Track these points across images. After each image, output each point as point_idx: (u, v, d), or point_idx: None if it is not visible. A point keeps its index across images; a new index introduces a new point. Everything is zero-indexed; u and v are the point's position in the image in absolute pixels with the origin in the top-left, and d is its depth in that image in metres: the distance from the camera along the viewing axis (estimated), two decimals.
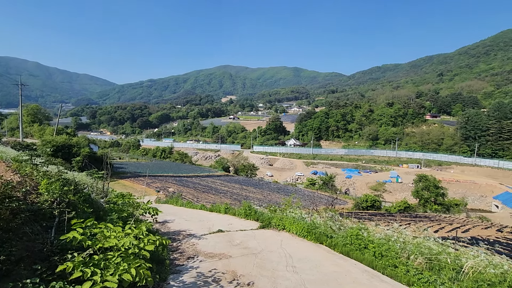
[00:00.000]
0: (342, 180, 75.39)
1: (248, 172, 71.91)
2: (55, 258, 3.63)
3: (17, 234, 3.69)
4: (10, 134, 68.24)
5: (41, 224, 4.40)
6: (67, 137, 42.21)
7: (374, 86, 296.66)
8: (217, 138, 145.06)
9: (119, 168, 52.09)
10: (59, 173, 6.18)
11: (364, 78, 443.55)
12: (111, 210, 6.81)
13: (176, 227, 10.00)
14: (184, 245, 7.32)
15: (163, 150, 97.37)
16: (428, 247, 6.42)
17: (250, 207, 11.69)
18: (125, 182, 40.07)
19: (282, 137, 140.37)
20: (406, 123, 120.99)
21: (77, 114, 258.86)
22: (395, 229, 8.86)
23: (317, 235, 7.58)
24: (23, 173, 6.71)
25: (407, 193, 60.56)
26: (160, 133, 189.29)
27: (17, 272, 3.22)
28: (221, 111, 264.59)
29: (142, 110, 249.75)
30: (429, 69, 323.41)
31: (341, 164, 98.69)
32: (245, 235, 8.46)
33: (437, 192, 43.51)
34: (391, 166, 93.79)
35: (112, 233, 3.78)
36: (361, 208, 40.28)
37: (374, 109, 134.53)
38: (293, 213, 10.64)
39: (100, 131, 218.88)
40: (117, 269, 3.30)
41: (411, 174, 75.80)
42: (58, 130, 50.80)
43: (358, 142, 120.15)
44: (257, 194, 42.39)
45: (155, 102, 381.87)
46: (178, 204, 18.40)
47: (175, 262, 5.87)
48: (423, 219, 33.16)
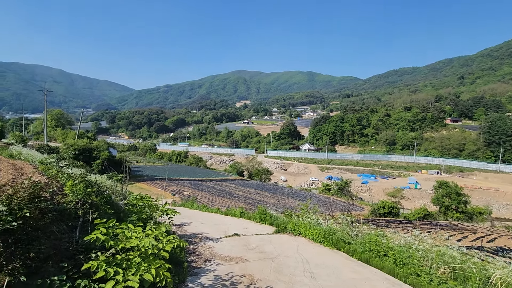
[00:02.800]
0: (358, 185, 73.87)
1: (262, 176, 71.80)
2: (80, 256, 3.76)
3: (45, 232, 3.85)
4: (35, 138, 71.46)
5: (67, 224, 4.57)
6: (88, 141, 43.75)
7: (391, 90, 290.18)
8: (231, 142, 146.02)
9: (137, 172, 53.38)
10: (83, 175, 6.41)
11: (380, 81, 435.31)
12: (131, 212, 6.97)
13: (193, 230, 10.11)
14: (200, 248, 7.38)
15: (179, 154, 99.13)
16: (452, 256, 6.16)
17: (265, 211, 11.65)
18: (142, 185, 40.98)
19: (297, 142, 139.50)
20: (425, 128, 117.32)
21: (97, 119, 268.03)
22: (415, 236, 8.58)
23: (335, 241, 7.45)
24: (49, 175, 7.01)
25: (427, 200, 58.56)
26: (175, 138, 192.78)
27: (45, 269, 3.35)
28: (235, 115, 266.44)
29: (159, 115, 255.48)
30: (449, 72, 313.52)
31: (357, 169, 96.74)
32: (261, 239, 8.43)
33: (459, 199, 41.74)
34: (410, 172, 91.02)
35: (133, 233, 3.87)
36: (378, 214, 39.23)
37: (391, 113, 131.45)
38: (309, 219, 10.51)
39: (118, 135, 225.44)
40: (138, 269, 3.38)
41: (430, 180, 73.28)
42: (80, 134, 52.77)
43: (374, 147, 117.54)
44: (271, 198, 42.19)
45: (171, 107, 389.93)
46: (194, 207, 18.59)
47: (193, 265, 5.92)
48: (444, 227, 31.85)
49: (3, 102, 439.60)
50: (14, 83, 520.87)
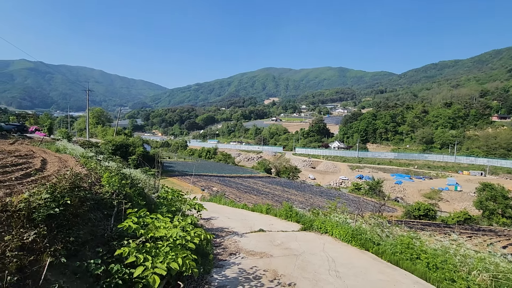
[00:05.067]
0: (391, 186, 70.58)
1: (290, 174, 71.31)
2: (114, 243, 4.02)
3: (83, 219, 4.18)
4: (79, 134, 77.40)
5: (103, 212, 4.91)
6: (125, 138, 46.42)
7: (429, 85, 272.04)
8: (259, 139, 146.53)
9: (168, 167, 55.64)
10: (118, 169, 6.83)
11: (417, 76, 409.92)
12: (161, 204, 7.31)
13: (219, 224, 10.35)
14: (226, 242, 7.54)
15: (208, 151, 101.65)
16: (495, 263, 5.67)
17: (291, 208, 11.59)
18: (173, 180, 42.65)
19: (326, 140, 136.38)
20: (468, 126, 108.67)
21: (133, 117, 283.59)
22: (453, 240, 8.03)
23: (363, 241, 7.21)
24: (88, 167, 7.57)
25: (468, 203, 54.49)
26: (205, 135, 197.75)
27: (83, 253, 3.64)
28: (264, 113, 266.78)
29: (190, 113, 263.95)
30: (496, 65, 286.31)
31: (390, 169, 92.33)
32: (286, 236, 8.40)
33: (506, 203, 38.24)
34: (449, 173, 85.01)
35: (162, 223, 4.06)
36: (413, 216, 37.22)
37: (429, 110, 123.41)
38: (337, 217, 10.27)
39: (152, 132, 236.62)
40: (166, 257, 3.54)
41: (473, 182, 67.93)
42: (118, 131, 56.13)
43: (409, 146, 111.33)
44: (299, 196, 41.79)
45: (201, 105, 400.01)
46: (222, 202, 19.00)
47: (218, 257, 6.07)
48: (487, 232, 29.38)
49: (52, 101, 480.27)
50: (61, 83, 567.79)
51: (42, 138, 21.75)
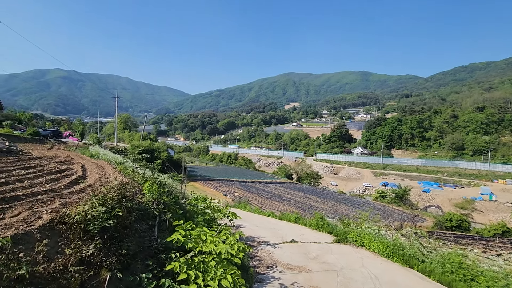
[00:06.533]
0: (418, 194, 67.37)
1: (312, 180, 70.16)
2: (162, 256, 4.00)
3: (131, 230, 4.20)
4: (107, 139, 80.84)
5: (147, 223, 4.94)
6: (150, 142, 47.89)
7: (458, 89, 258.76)
8: (280, 145, 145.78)
9: (191, 172, 56.61)
10: (156, 177, 6.92)
11: (445, 79, 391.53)
12: (195, 213, 7.30)
13: (249, 232, 10.21)
14: (260, 253, 7.39)
15: (229, 156, 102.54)
16: None
17: (323, 218, 11.25)
18: (196, 184, 43.27)
19: (348, 145, 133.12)
20: (503, 131, 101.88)
21: (158, 122, 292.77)
22: (505, 259, 7.40)
23: (406, 258, 6.79)
24: (126, 175, 7.75)
25: (505, 214, 50.87)
26: (226, 140, 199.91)
27: (134, 266, 3.64)
28: (284, 118, 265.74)
29: (211, 118, 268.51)
30: None
31: (417, 176, 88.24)
32: (320, 248, 8.13)
33: None
34: (482, 181, 79.81)
35: (209, 237, 4.00)
36: (444, 227, 35.16)
37: (459, 114, 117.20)
38: (370, 229, 9.83)
39: (175, 137, 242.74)
40: (215, 274, 3.46)
41: (510, 191, 63.42)
42: (143, 136, 58.05)
43: (438, 152, 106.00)
44: (322, 204, 40.89)
45: (222, 110, 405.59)
46: (247, 209, 18.89)
47: (256, 270, 5.94)
48: None
49: (83, 108, 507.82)
50: (91, 91, 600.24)
51: (77, 144, 22.85)
